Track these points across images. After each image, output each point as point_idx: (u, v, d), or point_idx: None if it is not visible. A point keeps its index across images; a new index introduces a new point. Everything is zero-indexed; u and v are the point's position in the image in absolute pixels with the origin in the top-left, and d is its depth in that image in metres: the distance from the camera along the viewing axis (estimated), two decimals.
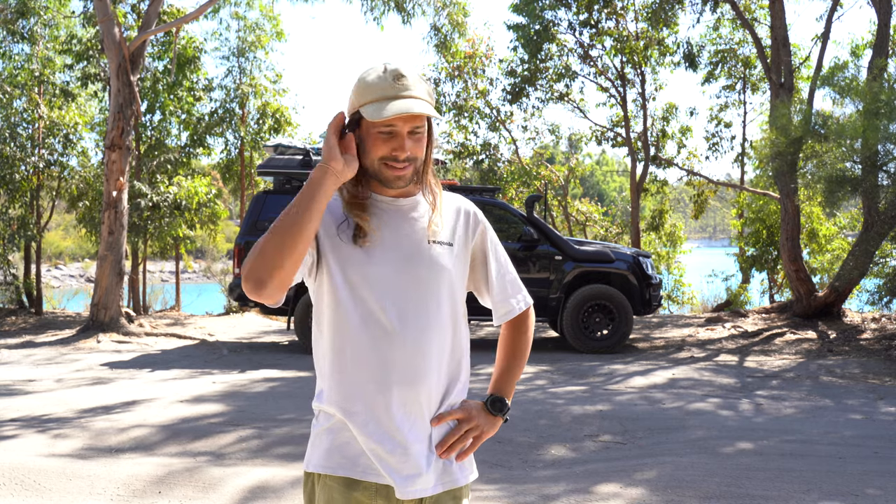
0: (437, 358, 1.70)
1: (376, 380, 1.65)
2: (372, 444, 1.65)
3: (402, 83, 1.65)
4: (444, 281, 1.72)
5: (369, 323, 1.66)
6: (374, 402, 1.65)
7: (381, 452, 1.64)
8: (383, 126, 1.65)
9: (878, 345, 9.98)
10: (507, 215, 10.25)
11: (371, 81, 1.66)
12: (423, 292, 1.69)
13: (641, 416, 6.19)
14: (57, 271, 38.07)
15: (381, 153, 1.67)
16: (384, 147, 1.67)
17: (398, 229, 1.72)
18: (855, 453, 5.17)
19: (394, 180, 1.69)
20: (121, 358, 9.67)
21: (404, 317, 1.67)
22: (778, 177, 11.86)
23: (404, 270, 1.68)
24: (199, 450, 5.23)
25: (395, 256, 1.69)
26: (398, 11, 14.98)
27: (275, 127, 18.23)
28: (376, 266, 1.67)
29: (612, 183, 62.63)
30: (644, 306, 10.02)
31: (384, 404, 1.65)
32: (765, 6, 16.22)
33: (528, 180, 19.04)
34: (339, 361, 1.68)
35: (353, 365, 1.67)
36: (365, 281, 1.67)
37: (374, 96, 1.64)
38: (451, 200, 1.83)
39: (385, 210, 1.73)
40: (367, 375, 1.66)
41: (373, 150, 1.68)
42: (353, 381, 1.67)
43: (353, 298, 1.67)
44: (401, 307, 1.67)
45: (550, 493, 4.34)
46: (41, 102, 14.84)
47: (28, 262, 15.13)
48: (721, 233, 78.28)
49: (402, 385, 1.66)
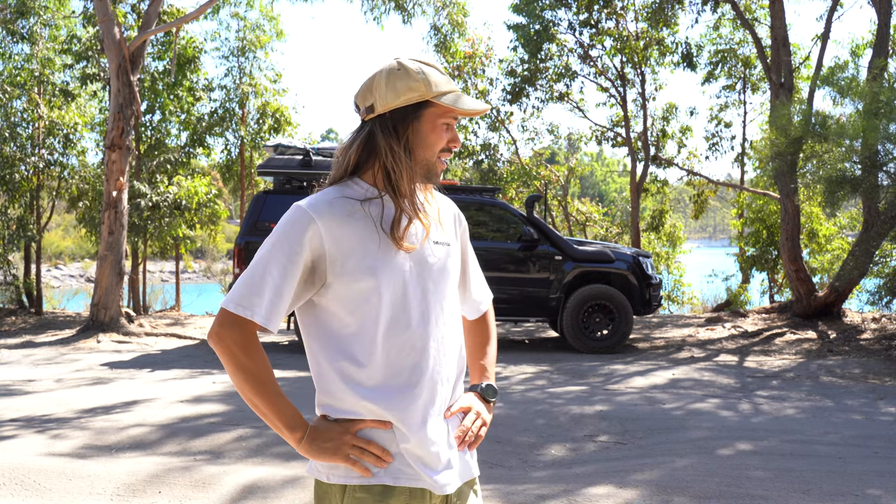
0: (453, 356, 1.71)
1: (405, 382, 1.62)
2: (405, 445, 1.61)
3: (450, 82, 1.70)
4: (452, 279, 1.74)
5: (396, 326, 1.62)
6: (404, 404, 1.62)
7: (417, 452, 1.62)
8: (448, 118, 1.66)
9: (878, 345, 9.97)
10: (507, 215, 10.24)
11: (436, 74, 1.66)
12: (440, 293, 1.70)
13: (641, 417, 6.19)
14: (57, 271, 38.06)
15: (442, 144, 1.68)
16: (445, 138, 1.67)
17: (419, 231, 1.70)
18: (855, 453, 5.16)
19: (440, 174, 1.71)
20: (121, 358, 9.67)
21: (426, 318, 1.65)
22: (778, 177, 11.86)
23: (424, 273, 1.67)
24: (198, 449, 5.23)
25: (411, 258, 1.66)
26: (398, 11, 15.00)
27: (275, 127, 18.23)
28: (394, 270, 1.63)
29: (612, 183, 62.63)
30: (644, 306, 10.02)
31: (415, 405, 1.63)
32: (765, 6, 16.22)
33: (528, 180, 19.04)
34: (363, 366, 1.62)
35: (380, 368, 1.62)
36: (392, 284, 1.62)
37: (448, 88, 1.66)
38: (445, 202, 1.84)
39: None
40: (395, 378, 1.62)
41: (437, 141, 1.66)
42: (380, 384, 1.62)
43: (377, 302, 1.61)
44: (423, 309, 1.65)
45: (545, 493, 4.34)
46: (41, 102, 14.84)
47: (28, 262, 15.13)
48: (721, 233, 78.30)
49: (430, 385, 1.65)
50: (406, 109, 1.63)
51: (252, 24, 18.59)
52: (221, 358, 1.62)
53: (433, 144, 1.66)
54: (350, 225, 1.61)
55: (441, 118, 1.65)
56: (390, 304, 1.62)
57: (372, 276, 1.60)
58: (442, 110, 1.65)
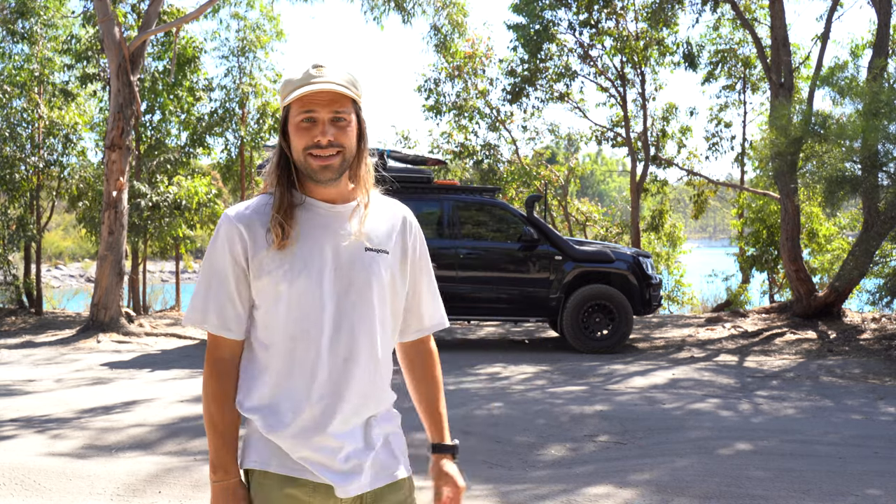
0: (368, 363, 1.69)
1: (307, 391, 1.65)
2: (304, 452, 1.64)
3: (318, 72, 1.66)
4: (377, 288, 1.70)
5: (300, 330, 1.65)
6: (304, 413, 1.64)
7: (314, 458, 1.64)
8: (303, 114, 1.65)
9: (878, 345, 9.97)
10: (507, 215, 10.24)
11: (290, 77, 1.69)
12: (353, 303, 1.68)
13: (641, 417, 6.19)
14: (57, 271, 38.04)
15: (305, 142, 1.65)
16: (307, 136, 1.65)
17: (334, 235, 1.69)
18: (855, 453, 5.16)
19: (320, 171, 1.66)
20: (121, 358, 9.67)
21: (337, 324, 1.66)
22: (778, 177, 11.86)
23: (337, 278, 1.67)
24: (198, 449, 5.23)
25: (329, 264, 1.67)
26: (398, 11, 15.00)
27: (275, 127, 18.21)
28: (308, 272, 1.65)
29: (612, 183, 62.63)
30: (644, 306, 10.02)
31: (316, 415, 1.65)
32: (765, 6, 16.22)
33: (528, 180, 19.04)
34: (268, 370, 1.67)
35: (281, 373, 1.66)
36: (296, 288, 1.64)
37: (292, 87, 1.66)
38: (388, 205, 1.81)
39: (321, 214, 1.70)
40: (296, 385, 1.65)
41: (297, 141, 1.66)
42: (282, 392, 1.66)
43: (285, 306, 1.65)
44: (333, 317, 1.66)
45: (545, 493, 4.34)
46: (41, 102, 14.84)
47: (28, 262, 15.12)
48: (721, 233, 78.25)
49: (333, 395, 1.65)
50: (283, 115, 1.71)
51: (252, 24, 18.57)
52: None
53: (295, 144, 1.67)
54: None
55: (297, 117, 1.67)
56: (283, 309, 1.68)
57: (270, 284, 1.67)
58: (295, 110, 1.66)
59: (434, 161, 11.75)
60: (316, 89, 1.62)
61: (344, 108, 1.67)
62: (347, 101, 1.68)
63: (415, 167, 10.75)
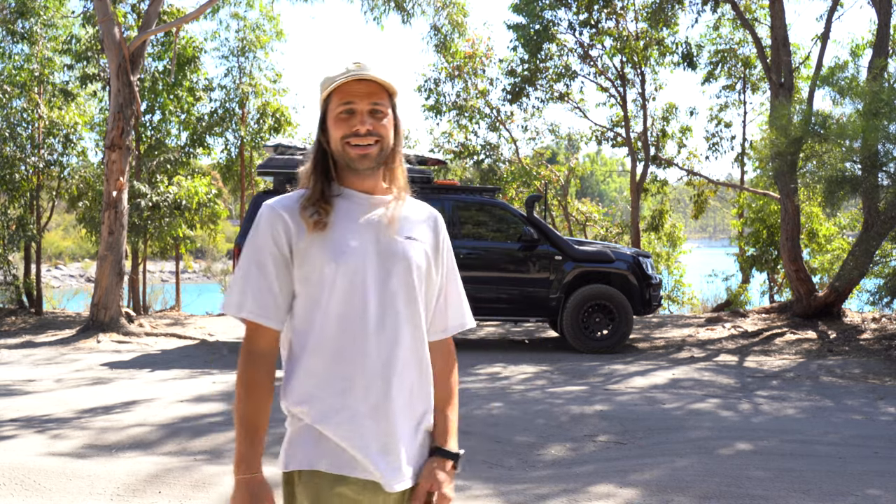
0: (413, 351, 1.71)
1: (356, 375, 1.65)
2: (357, 442, 1.64)
3: (359, 66, 1.70)
4: (415, 275, 1.73)
5: (345, 315, 1.66)
6: (355, 398, 1.65)
7: (366, 449, 1.64)
8: (343, 106, 1.69)
9: (878, 345, 9.97)
10: (507, 215, 10.24)
11: (331, 72, 1.73)
12: (397, 286, 1.70)
13: (641, 417, 6.19)
14: (57, 271, 38.05)
15: (343, 132, 1.70)
16: (345, 126, 1.70)
17: (373, 222, 1.72)
18: (855, 453, 5.16)
19: (359, 159, 1.70)
20: (121, 358, 9.67)
21: (382, 311, 1.67)
22: (778, 177, 11.85)
23: (379, 263, 1.69)
24: (198, 449, 5.23)
25: (371, 249, 1.69)
26: (398, 11, 14.99)
27: (275, 127, 18.22)
28: (352, 257, 1.67)
29: (612, 183, 62.64)
30: (644, 306, 10.01)
31: (369, 400, 1.65)
32: (765, 6, 16.22)
33: (528, 180, 19.03)
34: (315, 358, 1.67)
35: (328, 360, 1.66)
36: (341, 273, 1.66)
37: (331, 81, 1.71)
38: (419, 204, 1.85)
39: (359, 203, 1.73)
40: (346, 371, 1.65)
41: (336, 132, 1.70)
42: (331, 377, 1.66)
43: (329, 291, 1.66)
44: (378, 301, 1.67)
45: (544, 493, 4.34)
46: (41, 102, 14.83)
47: (28, 262, 15.12)
48: (721, 233, 78.23)
49: (382, 379, 1.66)
50: (322, 110, 1.75)
51: (252, 24, 18.58)
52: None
53: (334, 134, 1.71)
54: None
55: (336, 109, 1.71)
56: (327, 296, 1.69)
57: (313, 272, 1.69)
58: (335, 102, 1.71)
59: (434, 161, 11.75)
60: (355, 77, 1.67)
61: (382, 101, 1.71)
62: (385, 95, 1.72)
63: (415, 167, 10.74)
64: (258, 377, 1.68)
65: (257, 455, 1.68)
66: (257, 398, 1.68)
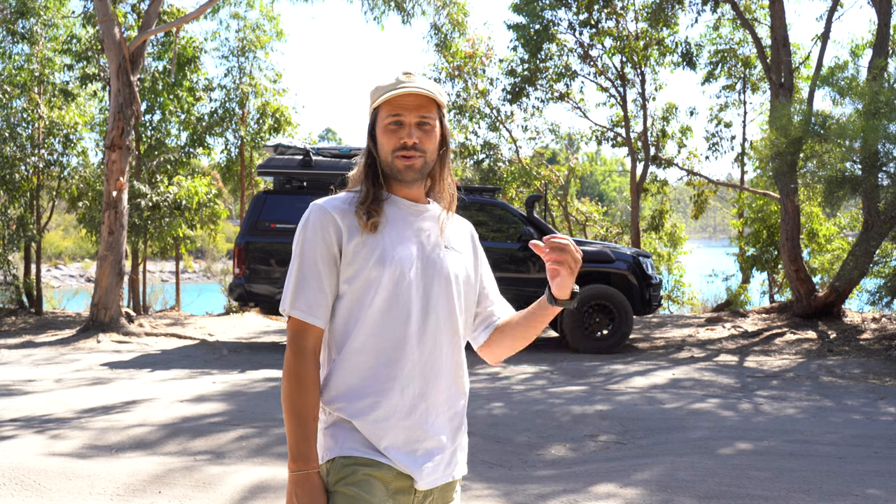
0: (451, 357, 1.78)
1: (395, 377, 1.71)
2: (388, 440, 1.70)
3: (408, 78, 1.77)
4: (455, 284, 1.80)
5: (388, 318, 1.72)
6: (391, 399, 1.71)
7: (397, 445, 1.70)
8: (392, 117, 1.75)
9: (878, 345, 9.97)
10: (507, 215, 10.24)
11: (382, 82, 1.80)
12: (438, 294, 1.76)
13: (641, 416, 6.19)
14: (57, 271, 38.05)
15: (393, 144, 1.76)
16: (394, 138, 1.76)
17: (418, 230, 1.79)
18: (855, 453, 5.16)
19: (405, 171, 1.76)
20: (121, 358, 9.67)
21: (423, 316, 1.74)
22: (778, 177, 11.85)
23: (423, 270, 1.76)
24: (198, 449, 5.23)
25: (416, 255, 1.76)
26: (398, 11, 14.99)
27: (275, 127, 18.22)
28: (399, 261, 1.73)
29: (611, 183, 62.63)
30: (644, 306, 10.02)
31: (404, 401, 1.71)
32: (765, 6, 16.22)
33: (528, 180, 19.04)
34: (355, 358, 1.73)
35: (367, 360, 1.72)
36: (387, 275, 1.72)
37: (383, 91, 1.77)
38: (458, 218, 1.92)
39: (404, 210, 1.80)
40: (384, 373, 1.71)
41: (386, 143, 1.77)
42: (369, 378, 1.72)
43: (374, 293, 1.72)
44: (421, 306, 1.74)
45: (546, 492, 4.34)
46: (41, 102, 14.83)
47: (28, 262, 15.12)
48: (721, 233, 78.22)
49: (420, 382, 1.72)
50: (372, 119, 1.81)
51: (252, 24, 18.57)
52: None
53: (384, 145, 1.77)
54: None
55: (385, 120, 1.77)
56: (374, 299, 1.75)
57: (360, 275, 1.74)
58: (384, 113, 1.77)
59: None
60: (404, 92, 1.73)
61: (429, 114, 1.77)
62: (433, 107, 1.78)
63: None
64: (308, 371, 1.71)
65: (313, 448, 1.70)
66: (308, 392, 1.70)
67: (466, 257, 1.86)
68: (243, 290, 9.89)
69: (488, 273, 1.96)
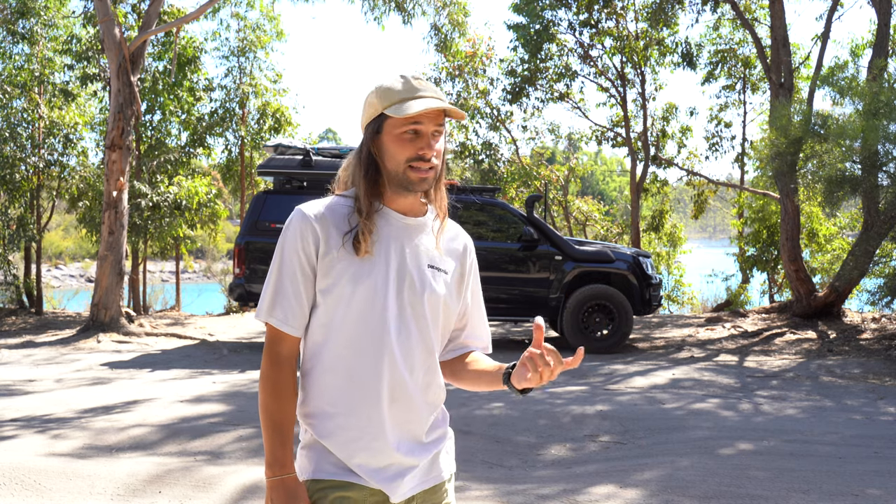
0: (424, 379, 1.73)
1: (365, 397, 1.67)
2: (358, 459, 1.66)
3: (421, 84, 1.69)
4: (431, 307, 1.73)
5: (359, 334, 1.67)
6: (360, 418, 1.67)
7: (368, 464, 1.67)
8: (409, 126, 1.67)
9: (878, 345, 9.97)
10: (507, 215, 10.24)
11: (391, 85, 1.69)
12: (413, 315, 1.71)
13: (641, 417, 6.19)
14: (57, 271, 38.05)
15: (408, 154, 1.67)
16: (411, 148, 1.67)
17: (402, 246, 1.72)
18: (855, 453, 5.17)
19: (418, 183, 1.69)
20: (121, 358, 9.67)
21: (397, 332, 1.68)
22: (778, 177, 11.86)
23: (398, 289, 1.69)
24: (198, 449, 5.23)
25: (394, 273, 1.69)
26: (398, 11, 14.98)
27: (275, 127, 18.22)
28: (374, 278, 1.68)
29: (611, 183, 62.65)
30: (644, 306, 10.02)
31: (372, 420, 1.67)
32: (765, 6, 16.22)
33: (528, 180, 19.04)
34: (327, 375, 1.69)
35: (338, 378, 1.68)
36: (360, 293, 1.67)
37: (398, 97, 1.67)
38: (453, 228, 1.85)
39: (393, 224, 1.73)
40: (355, 392, 1.67)
41: (399, 152, 1.68)
42: (340, 396, 1.68)
43: (346, 309, 1.67)
44: (395, 326, 1.68)
45: (545, 493, 4.34)
46: (41, 102, 14.83)
47: (28, 262, 15.12)
48: (721, 233, 78.20)
49: (389, 401, 1.68)
50: (371, 125, 1.70)
51: (252, 24, 18.57)
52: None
53: (396, 155, 1.68)
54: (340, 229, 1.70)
55: (400, 128, 1.67)
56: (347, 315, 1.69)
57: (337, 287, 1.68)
58: (399, 120, 1.67)
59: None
60: (435, 106, 1.64)
61: (442, 122, 1.70)
62: (443, 116, 1.71)
63: None
64: (283, 379, 1.68)
65: (289, 454, 1.68)
66: (283, 399, 1.68)
67: (452, 277, 1.78)
68: (243, 290, 9.89)
69: (476, 294, 1.88)
